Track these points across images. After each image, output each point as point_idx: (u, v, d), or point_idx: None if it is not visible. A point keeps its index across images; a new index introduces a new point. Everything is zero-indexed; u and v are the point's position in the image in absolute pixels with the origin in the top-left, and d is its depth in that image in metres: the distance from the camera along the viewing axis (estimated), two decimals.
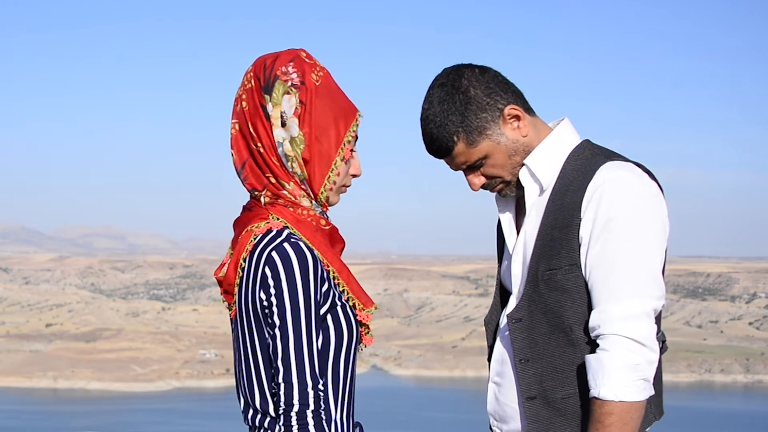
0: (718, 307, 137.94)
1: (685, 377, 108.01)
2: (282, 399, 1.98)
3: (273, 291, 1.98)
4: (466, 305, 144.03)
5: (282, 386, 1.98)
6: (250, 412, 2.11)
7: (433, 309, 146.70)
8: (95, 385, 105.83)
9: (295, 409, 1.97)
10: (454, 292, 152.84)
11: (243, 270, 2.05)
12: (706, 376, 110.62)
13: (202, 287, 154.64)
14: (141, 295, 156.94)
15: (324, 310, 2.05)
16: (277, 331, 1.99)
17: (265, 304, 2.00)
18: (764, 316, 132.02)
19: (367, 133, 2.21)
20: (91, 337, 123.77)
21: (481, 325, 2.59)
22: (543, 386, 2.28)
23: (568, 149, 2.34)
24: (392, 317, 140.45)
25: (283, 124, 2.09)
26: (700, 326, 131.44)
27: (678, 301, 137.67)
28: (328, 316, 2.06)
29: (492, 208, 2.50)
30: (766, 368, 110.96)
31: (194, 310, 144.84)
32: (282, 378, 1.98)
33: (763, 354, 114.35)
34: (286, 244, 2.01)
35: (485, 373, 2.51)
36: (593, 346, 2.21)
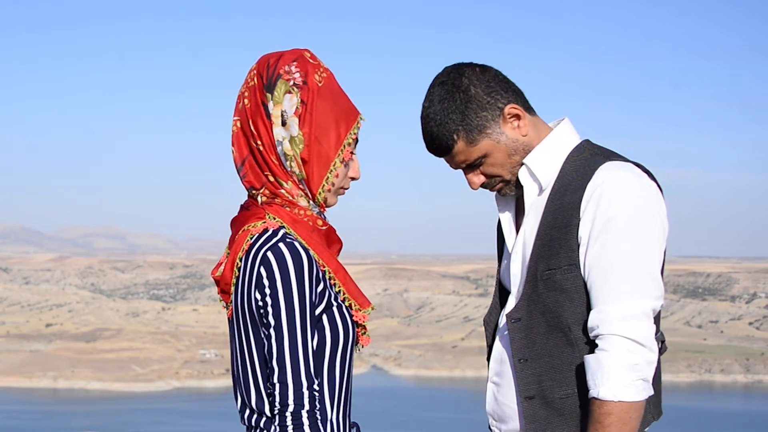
0: (718, 307, 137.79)
1: (685, 377, 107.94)
2: (277, 399, 1.98)
3: (268, 291, 1.98)
4: (466, 305, 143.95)
5: (277, 386, 1.97)
6: (246, 411, 2.11)
7: (433, 309, 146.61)
8: (95, 385, 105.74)
9: (290, 409, 1.96)
10: (454, 292, 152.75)
11: (239, 269, 2.05)
12: (706, 376, 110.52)
13: (202, 287, 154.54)
14: (141, 295, 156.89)
15: (319, 310, 2.04)
16: (272, 331, 1.98)
17: (260, 303, 2.00)
18: (764, 316, 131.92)
19: (367, 133, 2.21)
20: (91, 337, 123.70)
21: (481, 325, 2.58)
22: (541, 386, 2.28)
23: (568, 149, 2.34)
24: (392, 317, 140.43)
25: (284, 123, 2.08)
26: (700, 326, 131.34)
27: (678, 301, 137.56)
28: (324, 317, 2.06)
29: (492, 208, 2.50)
30: (766, 368, 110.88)
31: (194, 310, 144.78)
32: (277, 378, 1.97)
33: (763, 354, 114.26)
34: (281, 244, 2.00)
35: (485, 373, 2.51)
36: (592, 346, 2.21)
